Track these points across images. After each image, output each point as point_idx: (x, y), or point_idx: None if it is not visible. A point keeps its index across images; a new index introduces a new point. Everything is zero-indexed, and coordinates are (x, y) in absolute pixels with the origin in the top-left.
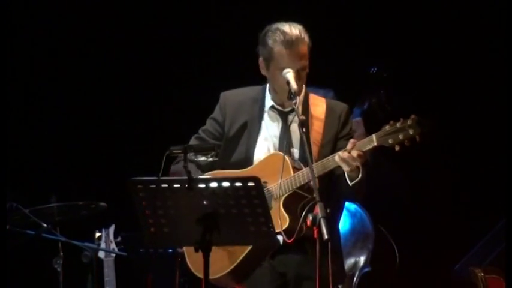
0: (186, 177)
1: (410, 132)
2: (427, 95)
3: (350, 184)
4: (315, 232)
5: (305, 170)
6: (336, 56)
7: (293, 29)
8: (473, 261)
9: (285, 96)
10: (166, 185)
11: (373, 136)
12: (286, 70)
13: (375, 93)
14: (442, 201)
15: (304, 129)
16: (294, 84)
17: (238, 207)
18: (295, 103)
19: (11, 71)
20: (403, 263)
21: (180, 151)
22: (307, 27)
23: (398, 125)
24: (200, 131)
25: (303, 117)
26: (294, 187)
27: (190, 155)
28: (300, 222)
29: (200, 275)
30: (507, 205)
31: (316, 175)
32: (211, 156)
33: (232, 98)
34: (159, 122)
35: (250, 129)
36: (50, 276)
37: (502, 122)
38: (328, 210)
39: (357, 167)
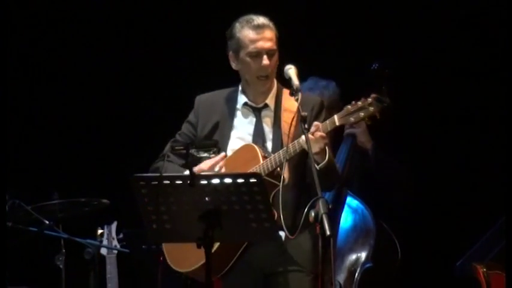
0: (189, 174)
1: (371, 110)
2: (428, 92)
3: (317, 168)
4: (317, 228)
5: (272, 156)
6: (338, 52)
7: (260, 17)
8: (476, 256)
9: (257, 86)
10: (168, 182)
11: (335, 116)
12: (288, 66)
13: (377, 89)
14: (444, 196)
15: (306, 126)
16: (295, 80)
17: (240, 204)
18: (297, 99)
19: (11, 67)
20: (405, 259)
21: (182, 148)
22: (309, 24)
23: (359, 103)
24: (177, 135)
25: (305, 114)
26: (263, 174)
27: (193, 152)
28: (302, 219)
29: (180, 269)
30: (507, 202)
31: (283, 159)
32: (213, 153)
33: (205, 99)
34: (160, 118)
35: (222, 128)
36: (52, 273)
37: (503, 119)
38: (330, 206)
39: (323, 151)
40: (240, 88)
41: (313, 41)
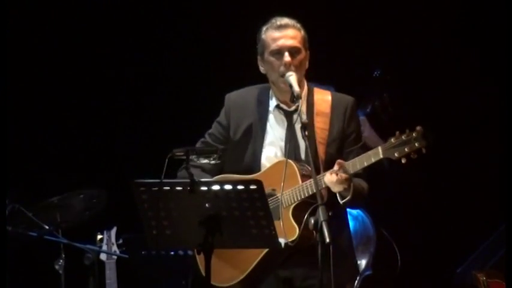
0: (189, 180)
1: (416, 145)
2: (429, 98)
3: (341, 202)
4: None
5: (311, 180)
6: (340, 59)
7: (284, 18)
8: (476, 264)
9: (282, 85)
10: (168, 188)
11: (379, 149)
12: (288, 73)
13: (378, 96)
14: (444, 204)
15: (306, 133)
16: (296, 87)
17: (240, 210)
18: (298, 106)
19: (11, 69)
20: (405, 267)
21: (182, 153)
22: (311, 29)
23: (403, 137)
24: (206, 135)
25: (306, 121)
26: (303, 196)
27: (193, 158)
28: (302, 227)
29: (216, 283)
30: (507, 209)
31: (314, 190)
32: (214, 159)
33: (236, 100)
34: (161, 124)
35: (255, 133)
36: (52, 278)
37: (503, 125)
38: (330, 213)
39: (347, 188)
40: (270, 89)
41: (313, 46)
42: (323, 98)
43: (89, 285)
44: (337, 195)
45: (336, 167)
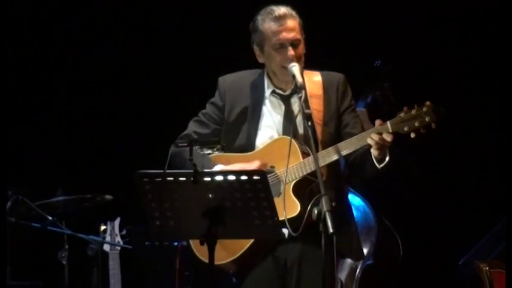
0: (192, 171)
1: (426, 119)
2: (431, 88)
3: (378, 167)
4: (321, 226)
5: (316, 155)
6: (340, 49)
7: (280, 7)
8: (479, 255)
9: (284, 76)
10: (172, 178)
11: (388, 123)
12: (291, 64)
13: (379, 86)
14: (447, 194)
15: (310, 123)
16: (299, 78)
17: (243, 201)
18: (301, 97)
19: (13, 63)
20: (407, 256)
21: (185, 144)
22: (311, 20)
23: (413, 112)
24: (200, 115)
25: (309, 111)
26: (305, 173)
27: (196, 148)
28: (306, 215)
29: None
30: (507, 202)
31: (343, 154)
32: (217, 150)
33: (231, 82)
34: (164, 114)
35: (250, 115)
36: (56, 268)
37: (505, 118)
38: (333, 204)
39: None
40: (265, 74)
41: (315, 37)
42: (313, 79)
43: (92, 276)
44: (373, 159)
45: (377, 123)
